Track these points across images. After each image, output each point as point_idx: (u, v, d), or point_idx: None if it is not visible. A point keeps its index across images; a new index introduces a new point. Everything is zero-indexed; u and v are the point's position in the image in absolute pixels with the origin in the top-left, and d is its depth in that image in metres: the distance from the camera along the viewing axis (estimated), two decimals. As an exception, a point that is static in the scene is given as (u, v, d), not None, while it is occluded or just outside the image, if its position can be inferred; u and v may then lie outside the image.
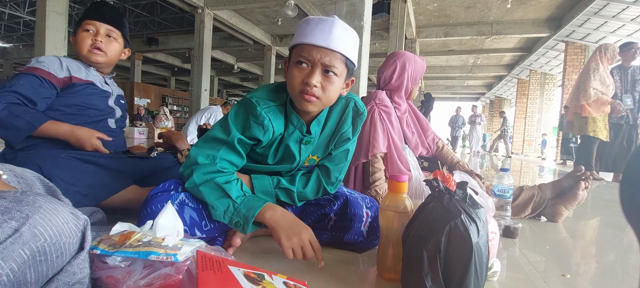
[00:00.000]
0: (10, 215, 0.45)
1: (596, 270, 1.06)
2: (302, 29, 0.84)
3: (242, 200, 0.86)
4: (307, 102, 0.85)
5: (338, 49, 0.82)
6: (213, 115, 4.27)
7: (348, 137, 1.02)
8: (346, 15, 2.84)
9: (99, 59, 1.25)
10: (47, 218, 0.47)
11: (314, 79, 0.82)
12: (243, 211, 0.85)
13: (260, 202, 0.87)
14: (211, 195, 0.86)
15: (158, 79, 16.80)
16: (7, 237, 0.43)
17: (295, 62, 0.84)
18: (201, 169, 0.87)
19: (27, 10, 9.02)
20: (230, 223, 0.87)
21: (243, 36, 8.60)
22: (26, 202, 0.47)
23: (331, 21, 0.83)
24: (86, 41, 1.23)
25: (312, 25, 0.82)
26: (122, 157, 1.25)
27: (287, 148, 0.96)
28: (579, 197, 1.52)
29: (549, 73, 10.43)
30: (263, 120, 0.89)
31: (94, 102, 1.24)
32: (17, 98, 1.09)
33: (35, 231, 0.45)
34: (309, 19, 0.84)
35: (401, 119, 1.58)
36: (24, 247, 0.44)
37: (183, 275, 0.56)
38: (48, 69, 1.15)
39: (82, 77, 1.22)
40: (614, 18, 6.23)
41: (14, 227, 0.44)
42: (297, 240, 0.82)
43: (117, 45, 1.29)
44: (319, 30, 0.81)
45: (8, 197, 0.47)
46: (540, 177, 4.34)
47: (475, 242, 0.66)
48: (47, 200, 0.50)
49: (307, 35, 0.82)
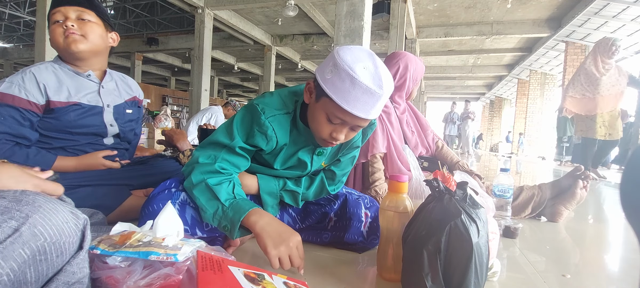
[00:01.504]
0: (10, 214, 0.45)
1: (596, 270, 1.06)
2: (346, 88, 0.74)
3: (230, 203, 0.83)
4: (326, 146, 0.89)
5: (374, 116, 0.79)
6: (214, 115, 4.27)
7: (357, 145, 1.02)
8: (346, 15, 2.84)
9: (80, 47, 1.07)
10: (46, 218, 0.47)
11: (342, 135, 0.83)
12: (230, 215, 0.81)
13: (248, 205, 0.82)
14: (202, 197, 0.84)
15: (158, 79, 16.79)
16: (7, 236, 0.43)
17: (327, 116, 0.80)
18: (200, 168, 0.86)
19: (27, 10, 9.03)
20: (219, 227, 0.84)
21: (243, 36, 8.60)
22: (26, 202, 0.47)
23: (378, 96, 0.75)
24: (58, 31, 1.06)
25: (357, 93, 0.73)
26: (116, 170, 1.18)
27: (298, 158, 0.95)
28: (578, 196, 1.52)
29: (549, 73, 10.42)
30: (266, 130, 0.86)
31: (82, 123, 1.10)
32: (7, 139, 1.00)
33: (35, 230, 0.45)
34: (355, 81, 0.73)
35: (401, 118, 1.58)
36: (24, 247, 0.44)
37: (183, 275, 0.56)
38: (27, 98, 1.01)
39: (61, 99, 1.06)
40: (614, 18, 6.22)
41: (13, 226, 0.44)
42: (284, 248, 0.78)
43: (97, 27, 1.11)
44: (363, 102, 0.74)
45: (7, 197, 0.47)
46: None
47: (475, 242, 0.66)
48: (46, 199, 0.50)
49: (349, 102, 0.74)
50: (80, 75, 1.13)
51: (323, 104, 0.79)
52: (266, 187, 0.98)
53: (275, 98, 0.90)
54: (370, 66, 0.75)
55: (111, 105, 1.18)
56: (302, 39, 8.64)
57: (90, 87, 1.14)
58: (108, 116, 1.17)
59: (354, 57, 0.75)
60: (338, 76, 0.74)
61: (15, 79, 1.02)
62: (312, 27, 7.82)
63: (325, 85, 0.76)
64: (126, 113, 1.24)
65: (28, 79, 1.03)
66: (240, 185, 0.90)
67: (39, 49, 3.82)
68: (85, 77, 1.14)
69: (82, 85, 1.13)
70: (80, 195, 1.01)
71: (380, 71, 0.75)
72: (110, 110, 1.18)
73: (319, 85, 0.78)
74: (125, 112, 1.23)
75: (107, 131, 1.17)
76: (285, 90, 0.93)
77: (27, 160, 1.00)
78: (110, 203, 1.08)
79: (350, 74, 0.73)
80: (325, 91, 0.76)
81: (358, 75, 0.73)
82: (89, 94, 1.13)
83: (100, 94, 1.16)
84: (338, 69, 0.74)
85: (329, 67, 0.77)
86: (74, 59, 1.12)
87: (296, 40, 8.74)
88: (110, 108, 1.18)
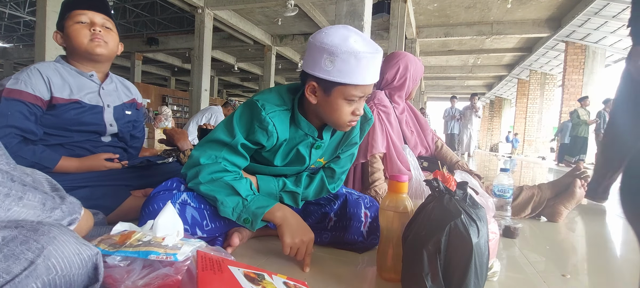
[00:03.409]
0: (28, 245, 0.45)
1: (596, 270, 1.05)
2: (353, 66, 0.78)
3: (252, 199, 0.88)
4: (351, 125, 0.90)
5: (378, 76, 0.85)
6: (213, 115, 4.27)
7: (355, 142, 1.04)
8: (346, 15, 2.84)
9: (103, 51, 1.13)
10: (59, 250, 0.47)
11: (361, 106, 0.87)
12: (252, 208, 0.86)
13: (270, 201, 0.90)
14: (220, 192, 0.87)
15: (158, 79, 16.80)
16: (23, 269, 0.43)
17: (346, 101, 0.84)
18: (207, 169, 0.87)
19: (27, 10, 9.02)
20: (238, 219, 0.88)
21: (243, 36, 8.60)
22: (42, 232, 0.47)
23: (379, 56, 0.82)
24: (83, 32, 1.10)
25: (363, 63, 0.79)
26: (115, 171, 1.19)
27: (297, 152, 0.96)
28: (577, 195, 1.53)
29: (549, 73, 10.43)
30: (267, 125, 0.87)
31: (82, 120, 1.12)
32: (16, 134, 1.00)
33: (49, 263, 0.45)
34: (358, 55, 0.78)
35: (400, 118, 1.58)
36: (37, 281, 0.44)
37: (183, 275, 0.56)
38: (34, 93, 1.03)
39: (64, 96, 1.08)
40: (614, 18, 6.23)
41: (30, 259, 0.44)
42: (299, 240, 0.85)
43: (115, 36, 1.19)
44: (371, 68, 0.81)
45: (26, 226, 0.47)
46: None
47: (475, 242, 0.66)
48: (61, 231, 0.49)
49: (363, 76, 0.80)
50: (83, 75, 1.16)
51: (337, 93, 0.83)
52: (266, 187, 0.99)
53: (274, 94, 0.91)
54: (354, 35, 0.80)
55: (111, 106, 1.20)
56: (302, 39, 8.64)
57: (91, 87, 1.16)
58: (108, 116, 1.19)
59: (341, 37, 0.79)
60: (341, 60, 0.78)
61: (21, 75, 1.04)
62: (312, 27, 7.82)
63: (332, 77, 0.80)
64: (125, 114, 1.26)
65: (33, 74, 1.05)
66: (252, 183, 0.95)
67: (39, 49, 3.81)
68: (88, 77, 1.17)
69: (84, 85, 1.15)
70: (79, 195, 1.00)
71: (364, 35, 0.82)
72: (110, 110, 1.20)
73: (324, 80, 0.81)
74: (124, 113, 1.26)
75: (106, 130, 1.19)
76: (283, 87, 0.94)
77: (33, 157, 1.01)
78: (110, 203, 1.08)
79: (351, 52, 0.77)
80: (336, 81, 0.80)
81: (357, 49, 0.78)
82: (90, 94, 1.15)
83: (101, 94, 1.18)
84: (336, 55, 0.78)
85: (322, 60, 0.79)
86: (88, 61, 1.16)
87: (296, 40, 8.74)
88: (110, 108, 1.20)
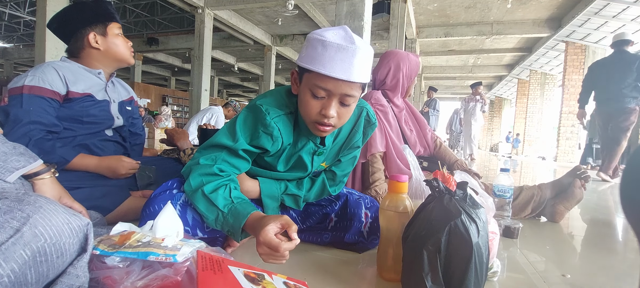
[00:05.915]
0: (11, 214, 0.45)
1: (596, 270, 1.05)
2: (319, 53, 0.74)
3: (229, 209, 0.82)
4: (322, 132, 0.83)
5: (358, 79, 0.75)
6: (214, 115, 4.27)
7: (358, 145, 1.02)
8: (346, 15, 2.83)
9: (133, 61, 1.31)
10: (47, 218, 0.47)
11: (332, 110, 0.78)
12: (230, 221, 0.81)
13: (246, 210, 0.80)
14: (200, 204, 0.83)
15: (158, 79, 16.79)
16: (8, 237, 0.43)
17: (311, 92, 0.78)
18: (198, 170, 0.85)
19: (27, 10, 9.02)
20: (224, 230, 0.84)
21: (243, 36, 8.59)
22: (27, 202, 0.47)
23: (352, 51, 0.74)
24: (126, 44, 1.26)
25: (330, 53, 0.73)
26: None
27: (299, 159, 0.95)
28: (577, 195, 1.52)
29: (549, 73, 10.41)
30: (272, 130, 0.85)
31: (92, 113, 1.17)
32: (41, 130, 1.03)
33: (36, 231, 0.45)
34: (325, 43, 0.74)
35: (399, 117, 1.58)
36: (25, 248, 0.44)
37: (183, 275, 0.56)
38: (52, 88, 1.08)
39: (78, 90, 1.14)
40: (614, 18, 6.22)
41: (15, 227, 0.44)
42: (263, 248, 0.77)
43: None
44: (338, 60, 0.73)
45: (10, 196, 0.47)
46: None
47: (475, 242, 0.66)
48: (47, 201, 0.50)
49: (325, 65, 0.74)
50: (92, 72, 1.22)
51: (305, 82, 0.80)
52: (268, 190, 0.98)
53: (277, 97, 0.89)
54: (340, 31, 0.77)
55: (116, 101, 1.29)
56: (302, 39, 8.64)
57: (99, 84, 1.23)
58: (114, 109, 1.27)
59: (324, 29, 0.78)
60: (310, 46, 0.77)
61: (36, 72, 1.08)
62: (312, 27, 7.81)
63: (301, 63, 0.79)
64: (126, 110, 1.35)
65: (48, 71, 1.09)
66: (238, 186, 0.89)
67: (39, 49, 3.80)
68: (96, 75, 1.23)
69: (93, 81, 1.21)
70: (79, 196, 1.01)
71: (351, 33, 0.77)
72: (115, 105, 1.28)
73: (299, 67, 0.81)
74: (125, 108, 1.35)
75: (114, 122, 1.26)
76: (283, 89, 0.93)
77: (53, 150, 1.03)
78: (109, 204, 1.09)
79: (319, 39, 0.75)
80: (303, 66, 0.78)
81: (327, 37, 0.75)
82: (99, 89, 1.23)
83: (107, 90, 1.27)
84: (309, 41, 0.78)
85: (303, 49, 0.80)
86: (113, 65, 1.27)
87: (296, 40, 8.73)
88: (116, 103, 1.28)
